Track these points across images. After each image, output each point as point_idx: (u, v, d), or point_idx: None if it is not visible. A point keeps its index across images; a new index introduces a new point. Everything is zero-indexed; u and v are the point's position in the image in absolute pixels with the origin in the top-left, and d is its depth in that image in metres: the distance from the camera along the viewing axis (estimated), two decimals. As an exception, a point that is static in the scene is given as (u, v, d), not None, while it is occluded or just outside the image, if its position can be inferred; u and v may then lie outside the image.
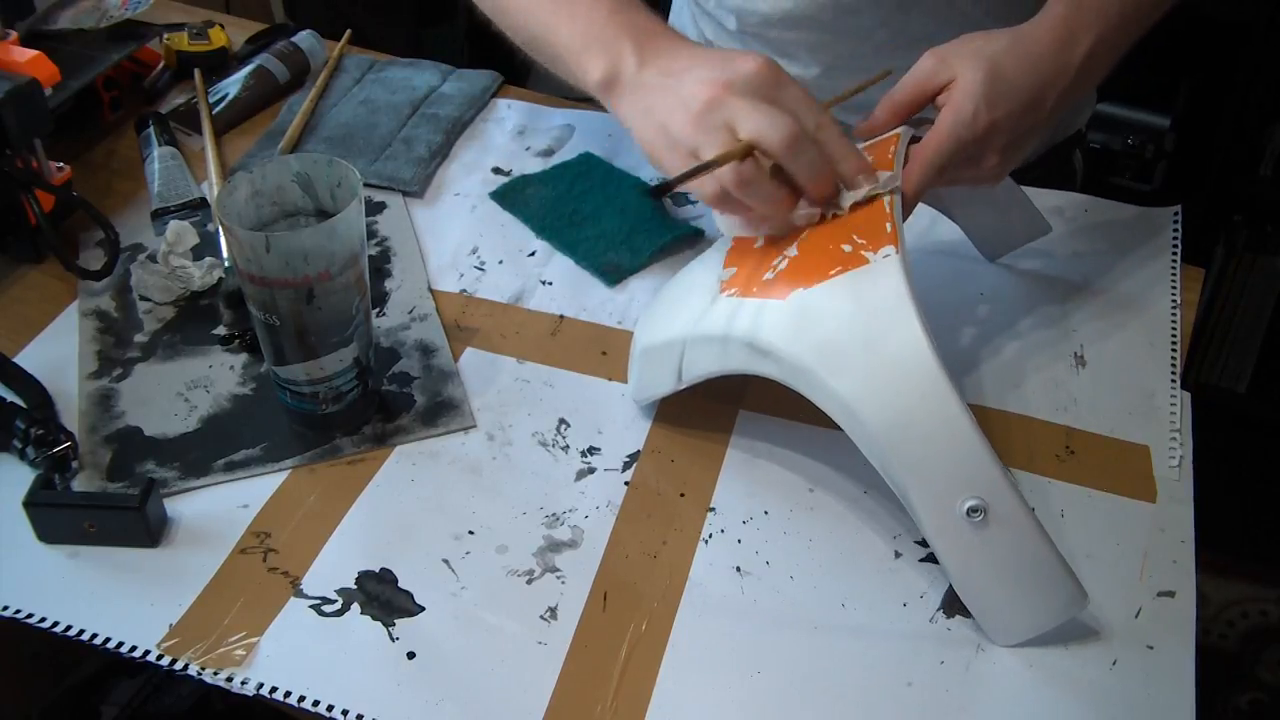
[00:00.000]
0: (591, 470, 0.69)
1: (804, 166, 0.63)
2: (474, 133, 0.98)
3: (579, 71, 0.71)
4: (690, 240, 0.85)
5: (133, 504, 0.63)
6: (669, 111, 0.65)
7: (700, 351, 0.66)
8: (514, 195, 0.90)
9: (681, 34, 0.71)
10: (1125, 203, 0.90)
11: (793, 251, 0.64)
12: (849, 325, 0.59)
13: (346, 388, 0.68)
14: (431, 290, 0.82)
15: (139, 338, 0.77)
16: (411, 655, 0.59)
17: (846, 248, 0.61)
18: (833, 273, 0.61)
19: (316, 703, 0.57)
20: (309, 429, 0.70)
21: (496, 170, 0.93)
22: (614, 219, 0.86)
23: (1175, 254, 0.84)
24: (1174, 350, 0.77)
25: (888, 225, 0.62)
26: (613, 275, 0.82)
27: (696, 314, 0.67)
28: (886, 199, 0.63)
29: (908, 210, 0.65)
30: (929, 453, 0.57)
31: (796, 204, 0.65)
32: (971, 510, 0.56)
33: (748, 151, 0.62)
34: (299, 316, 0.63)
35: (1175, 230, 0.86)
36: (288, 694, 0.57)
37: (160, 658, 0.59)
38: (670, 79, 0.66)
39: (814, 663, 0.60)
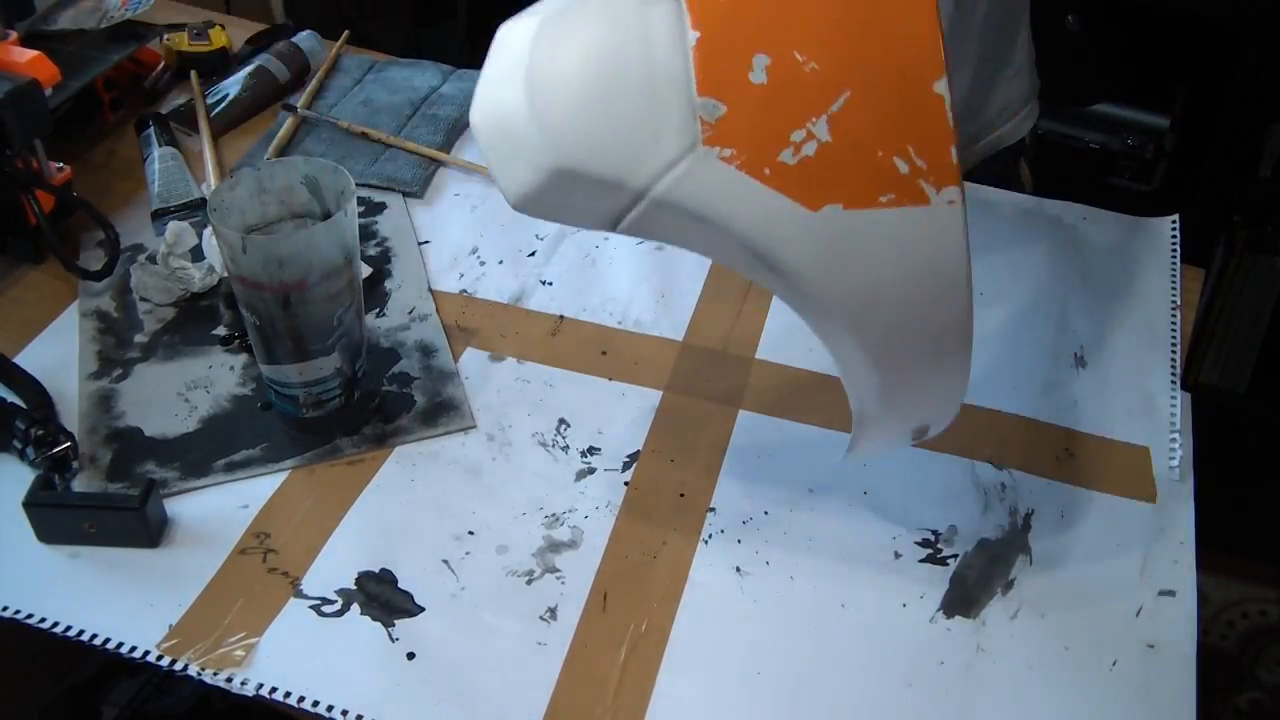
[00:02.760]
0: (591, 470, 0.69)
1: None
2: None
3: None
4: None
5: (133, 504, 0.63)
6: None
7: (667, 221, 0.50)
8: None
9: None
10: (1125, 204, 0.90)
11: (823, 132, 0.48)
12: (894, 283, 0.49)
13: (327, 396, 0.68)
14: (431, 290, 0.82)
15: (139, 338, 0.77)
16: (411, 656, 0.59)
17: (901, 164, 0.48)
18: (882, 199, 0.48)
19: (316, 703, 0.57)
20: (292, 429, 0.70)
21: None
22: None
23: (1175, 256, 0.84)
24: (1174, 351, 0.77)
25: (952, 151, 0.48)
26: None
27: (663, 160, 0.49)
28: (950, 112, 0.48)
29: None
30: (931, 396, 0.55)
31: None
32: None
33: None
34: (276, 320, 0.64)
35: (1174, 237, 0.86)
36: (287, 694, 0.57)
37: (160, 658, 0.59)
38: None
39: (814, 663, 0.60)
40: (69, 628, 0.60)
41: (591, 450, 0.70)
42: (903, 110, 0.49)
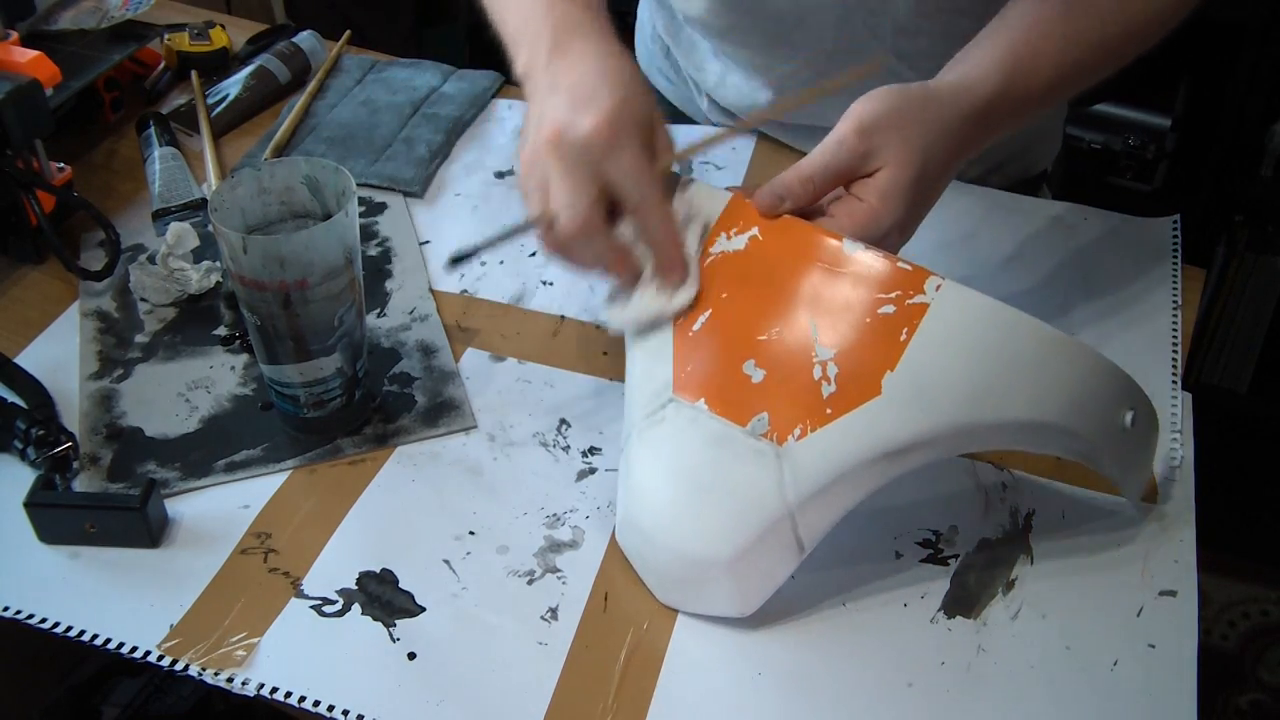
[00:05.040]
0: (592, 470, 0.69)
1: (586, 256, 0.62)
2: (475, 133, 0.98)
3: (511, 62, 0.68)
4: None
5: (133, 504, 0.63)
6: (527, 138, 0.63)
7: (815, 516, 0.58)
8: None
9: (601, 33, 0.66)
10: (1125, 206, 0.90)
11: (829, 360, 0.57)
12: (977, 357, 0.55)
13: (328, 396, 0.68)
14: (432, 291, 0.82)
15: (140, 338, 0.77)
16: (412, 656, 0.59)
17: (888, 309, 0.56)
18: (903, 338, 0.55)
19: (317, 703, 0.57)
20: (293, 429, 0.70)
21: (499, 174, 0.93)
22: None
23: (1175, 257, 0.84)
24: (1174, 351, 0.77)
25: (899, 264, 0.56)
26: None
27: (746, 506, 0.57)
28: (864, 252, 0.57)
29: None
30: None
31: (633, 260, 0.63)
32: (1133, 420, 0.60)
33: (549, 223, 0.61)
34: (277, 320, 0.64)
35: (1175, 237, 0.86)
36: (288, 694, 0.57)
37: (161, 658, 0.59)
38: (549, 97, 0.63)
39: (814, 663, 0.60)
40: (70, 628, 0.60)
41: (592, 450, 0.70)
42: (849, 290, 0.58)
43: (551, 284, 0.82)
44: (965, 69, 0.64)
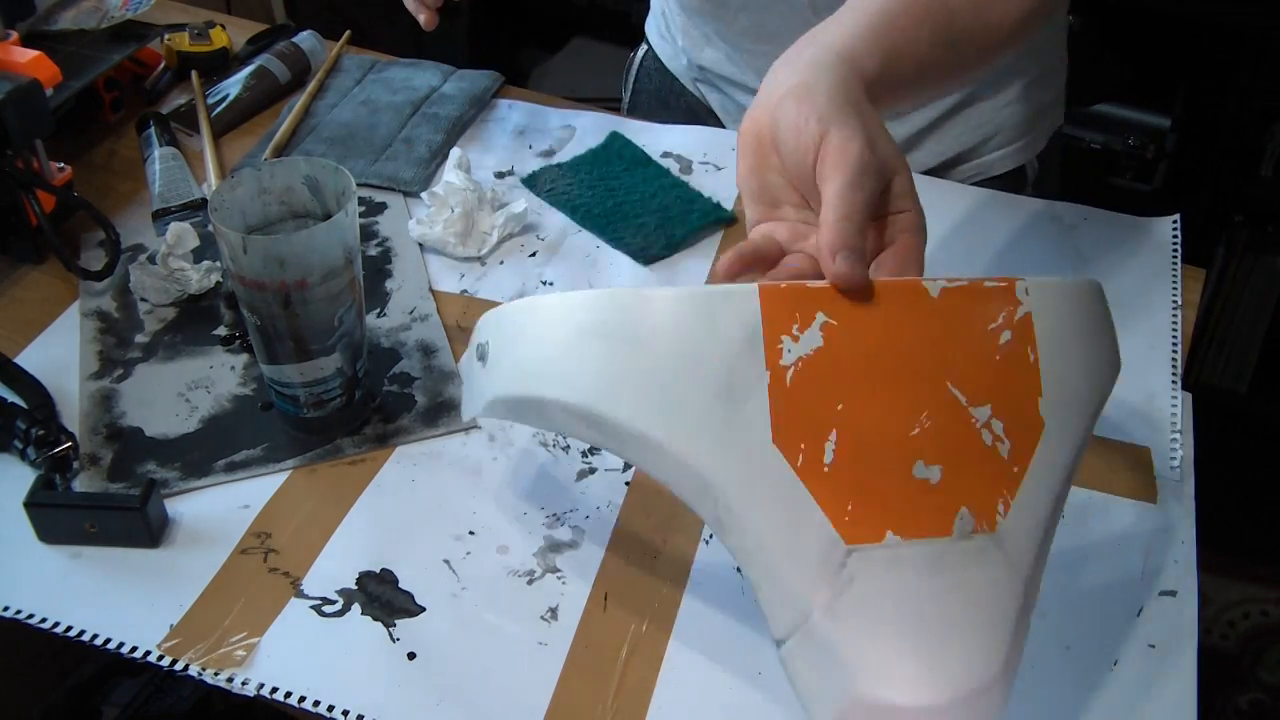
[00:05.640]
0: (592, 470, 0.69)
1: None
2: (475, 133, 0.98)
3: None
4: (716, 226, 0.87)
5: (134, 504, 0.63)
6: None
7: (1038, 574, 0.52)
8: (546, 181, 0.91)
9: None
10: (1126, 204, 0.90)
11: (990, 418, 0.51)
12: (1082, 339, 0.54)
13: (328, 396, 0.68)
14: (432, 291, 0.82)
15: (140, 338, 0.77)
16: (412, 656, 0.59)
17: (1005, 336, 0.51)
18: (1032, 358, 0.51)
19: (317, 703, 0.57)
20: (293, 429, 0.70)
21: (499, 174, 0.93)
22: (646, 201, 0.89)
23: (1175, 256, 0.84)
24: (1174, 351, 0.77)
25: (986, 282, 0.51)
26: (645, 257, 0.84)
27: (994, 611, 0.49)
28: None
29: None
30: None
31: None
32: None
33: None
34: (277, 320, 0.64)
35: (1175, 237, 0.86)
36: (288, 694, 0.57)
37: (161, 658, 0.59)
38: None
39: (815, 663, 0.59)
40: (70, 628, 0.60)
41: (592, 450, 0.70)
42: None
43: (551, 284, 0.82)
44: (845, 40, 0.58)
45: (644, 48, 1.12)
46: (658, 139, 0.96)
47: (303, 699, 0.57)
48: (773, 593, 0.50)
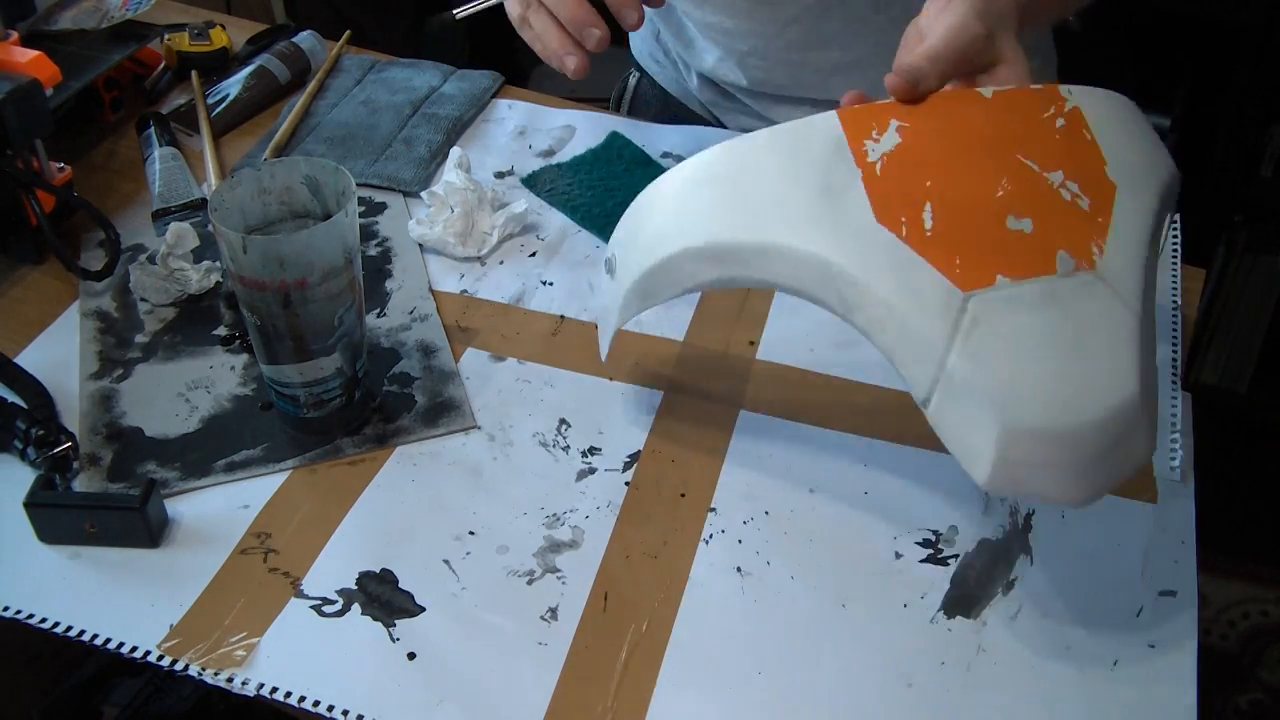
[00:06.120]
0: (592, 470, 0.69)
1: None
2: (474, 133, 0.98)
3: None
4: None
5: (133, 504, 0.63)
6: None
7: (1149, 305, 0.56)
8: (546, 181, 0.91)
9: None
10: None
11: (1064, 180, 0.56)
12: (1131, 131, 0.60)
13: (328, 396, 0.68)
14: (432, 291, 0.82)
15: (140, 338, 0.77)
16: (412, 656, 0.59)
17: (1060, 122, 0.57)
18: (1088, 136, 0.58)
19: (317, 703, 0.57)
20: (293, 429, 0.70)
21: (499, 174, 0.93)
22: None
23: (1175, 257, 0.84)
24: (1174, 351, 0.77)
25: (1030, 88, 0.58)
26: None
27: (1113, 337, 0.54)
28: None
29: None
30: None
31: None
32: None
33: None
34: (277, 320, 0.64)
35: (1174, 237, 0.86)
36: (288, 694, 0.57)
37: (161, 658, 0.59)
38: None
39: (814, 663, 0.60)
40: (69, 628, 0.60)
41: (592, 450, 0.70)
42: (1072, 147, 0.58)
43: (551, 284, 0.82)
44: None
45: (635, 76, 1.12)
46: (658, 139, 0.96)
47: (303, 699, 0.57)
48: (907, 352, 0.54)
